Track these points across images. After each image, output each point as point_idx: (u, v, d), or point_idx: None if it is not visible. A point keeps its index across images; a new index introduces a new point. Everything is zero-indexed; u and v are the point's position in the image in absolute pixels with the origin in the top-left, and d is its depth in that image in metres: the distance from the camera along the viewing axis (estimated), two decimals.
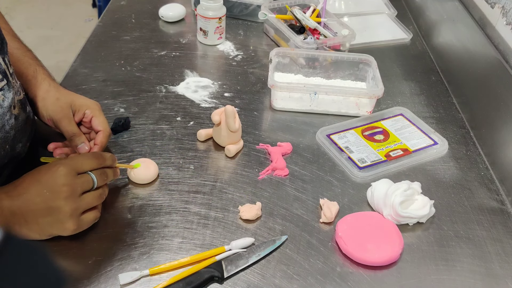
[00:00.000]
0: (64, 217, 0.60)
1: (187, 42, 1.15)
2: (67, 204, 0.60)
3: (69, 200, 0.60)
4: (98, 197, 0.65)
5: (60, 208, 0.60)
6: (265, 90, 1.00)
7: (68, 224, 0.61)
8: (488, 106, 0.90)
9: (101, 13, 1.37)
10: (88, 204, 0.63)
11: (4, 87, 0.65)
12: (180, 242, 0.67)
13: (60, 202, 0.60)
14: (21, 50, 0.79)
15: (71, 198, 0.60)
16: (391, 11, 1.31)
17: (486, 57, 0.92)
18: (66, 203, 0.60)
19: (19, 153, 0.72)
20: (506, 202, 0.79)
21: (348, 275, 0.65)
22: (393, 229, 0.70)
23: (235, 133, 0.82)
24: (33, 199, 0.60)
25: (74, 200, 0.61)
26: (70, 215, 0.61)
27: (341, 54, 1.02)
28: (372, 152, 0.85)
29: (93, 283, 0.61)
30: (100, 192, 0.65)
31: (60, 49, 2.73)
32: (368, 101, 0.93)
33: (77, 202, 0.61)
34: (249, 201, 0.75)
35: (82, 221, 0.63)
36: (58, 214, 0.60)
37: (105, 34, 1.15)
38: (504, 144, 0.83)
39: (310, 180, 0.79)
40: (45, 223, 0.60)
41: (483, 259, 0.69)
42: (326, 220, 0.72)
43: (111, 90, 0.96)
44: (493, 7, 0.96)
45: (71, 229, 0.62)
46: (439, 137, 0.89)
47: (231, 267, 0.64)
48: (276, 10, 1.18)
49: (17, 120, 0.68)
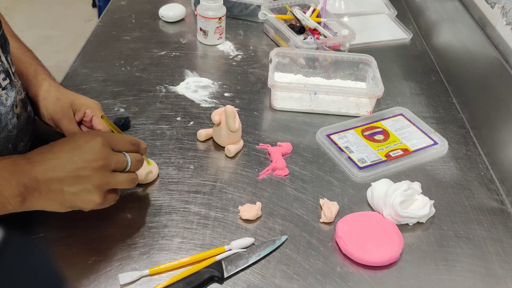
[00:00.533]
0: (92, 187, 0.58)
1: (187, 42, 1.15)
2: (97, 175, 0.58)
3: (101, 172, 0.58)
4: (130, 180, 0.63)
5: (89, 178, 0.58)
6: (265, 90, 1.00)
7: (94, 197, 0.59)
8: (488, 106, 0.90)
9: (101, 13, 1.37)
10: (118, 183, 0.61)
11: (7, 86, 0.65)
12: (180, 242, 0.67)
13: (91, 172, 0.58)
14: (22, 50, 0.79)
15: (103, 171, 0.59)
16: (391, 11, 1.31)
17: (486, 57, 0.92)
18: (97, 174, 0.58)
19: (21, 153, 0.72)
20: (506, 202, 0.79)
21: (348, 275, 0.65)
22: (393, 229, 0.70)
23: (235, 133, 0.82)
24: (63, 165, 0.57)
25: (105, 174, 0.59)
26: (98, 188, 0.59)
27: (341, 54, 1.02)
28: (372, 152, 0.85)
29: (93, 283, 0.61)
30: (133, 177, 0.63)
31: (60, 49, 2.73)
32: (368, 101, 0.93)
33: (108, 176, 0.59)
34: (249, 201, 0.75)
35: (107, 197, 0.61)
36: (86, 184, 0.58)
37: (105, 34, 1.15)
38: (504, 144, 0.83)
39: (310, 180, 0.80)
40: (70, 193, 0.58)
41: (483, 259, 0.69)
42: (326, 220, 0.72)
43: (111, 90, 0.96)
44: (493, 7, 0.96)
45: (97, 202, 0.59)
46: (439, 137, 0.89)
47: (231, 267, 0.64)
48: (276, 10, 1.18)
49: (19, 119, 0.68)
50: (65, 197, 0.58)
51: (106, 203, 0.62)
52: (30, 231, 0.67)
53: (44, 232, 0.67)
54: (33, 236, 0.66)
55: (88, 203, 0.60)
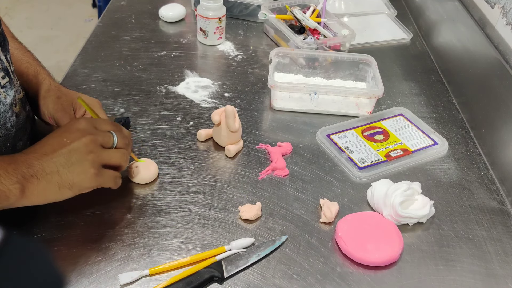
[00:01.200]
0: (85, 160, 0.60)
1: (187, 42, 1.15)
2: (86, 147, 0.61)
3: (90, 146, 0.61)
4: (120, 155, 0.65)
5: (80, 152, 0.60)
6: (265, 90, 1.00)
7: (89, 168, 0.61)
8: (488, 106, 0.90)
9: (101, 13, 1.37)
10: (110, 157, 0.63)
11: (6, 84, 0.66)
12: (180, 242, 0.67)
13: (80, 146, 0.61)
14: (21, 51, 0.80)
15: (92, 145, 0.61)
16: (391, 11, 1.32)
17: (486, 57, 0.92)
18: (85, 146, 0.61)
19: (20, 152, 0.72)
20: (506, 202, 0.79)
21: (348, 275, 0.65)
22: (393, 229, 0.70)
23: (235, 133, 0.82)
24: (54, 147, 0.60)
25: (95, 147, 0.62)
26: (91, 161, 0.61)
27: (341, 54, 1.02)
28: (372, 152, 0.85)
29: (93, 283, 0.61)
30: (123, 152, 0.65)
31: (60, 49, 2.73)
32: (368, 101, 0.93)
33: (97, 150, 0.62)
34: (249, 201, 0.75)
35: (103, 171, 0.63)
36: (78, 158, 0.60)
37: (105, 34, 1.15)
38: (504, 144, 0.83)
39: (310, 180, 0.80)
40: (65, 171, 0.60)
41: (483, 259, 0.69)
42: (326, 220, 0.72)
43: (111, 90, 0.96)
44: (493, 7, 0.96)
45: (91, 172, 0.61)
46: (439, 137, 0.89)
47: (231, 267, 0.64)
48: (276, 10, 1.18)
49: (18, 118, 0.69)
50: (62, 176, 0.60)
51: (106, 178, 0.63)
52: (30, 231, 0.67)
53: (44, 232, 0.67)
54: (33, 236, 0.66)
55: (84, 177, 0.61)
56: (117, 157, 0.64)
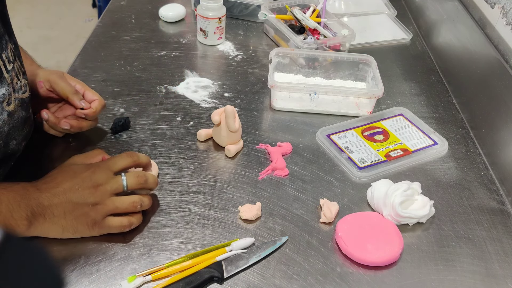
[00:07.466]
0: (90, 210, 0.62)
1: (187, 42, 1.15)
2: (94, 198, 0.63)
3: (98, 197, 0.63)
4: (130, 203, 0.65)
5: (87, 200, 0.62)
6: (265, 90, 1.00)
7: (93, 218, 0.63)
8: (488, 106, 0.90)
9: (101, 13, 1.37)
10: (115, 207, 0.64)
11: None
12: (180, 242, 0.67)
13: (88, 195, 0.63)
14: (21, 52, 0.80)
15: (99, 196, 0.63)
16: (391, 11, 1.31)
17: (486, 57, 0.92)
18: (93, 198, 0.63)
19: (14, 151, 0.71)
20: (506, 202, 0.79)
21: (348, 275, 0.65)
22: (393, 229, 0.70)
23: (235, 133, 0.82)
24: (66, 193, 0.62)
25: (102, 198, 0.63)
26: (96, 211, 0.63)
27: (341, 54, 1.02)
28: (372, 152, 0.85)
29: (93, 283, 0.61)
30: (133, 200, 0.66)
31: (60, 49, 2.73)
32: (368, 101, 0.93)
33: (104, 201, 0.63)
34: (249, 201, 0.75)
35: (107, 221, 0.64)
36: (84, 207, 0.62)
37: (105, 34, 1.15)
38: (504, 144, 0.83)
39: (310, 180, 0.79)
40: (71, 217, 0.62)
41: (483, 259, 0.69)
42: (326, 220, 0.72)
43: (111, 90, 0.96)
44: (493, 7, 0.96)
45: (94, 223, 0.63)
46: (439, 137, 0.89)
47: (231, 267, 0.64)
48: (276, 10, 1.18)
49: (11, 117, 0.67)
50: (67, 222, 0.62)
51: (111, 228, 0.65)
52: None
53: None
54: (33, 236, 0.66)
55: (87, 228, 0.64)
56: (125, 204, 0.65)
